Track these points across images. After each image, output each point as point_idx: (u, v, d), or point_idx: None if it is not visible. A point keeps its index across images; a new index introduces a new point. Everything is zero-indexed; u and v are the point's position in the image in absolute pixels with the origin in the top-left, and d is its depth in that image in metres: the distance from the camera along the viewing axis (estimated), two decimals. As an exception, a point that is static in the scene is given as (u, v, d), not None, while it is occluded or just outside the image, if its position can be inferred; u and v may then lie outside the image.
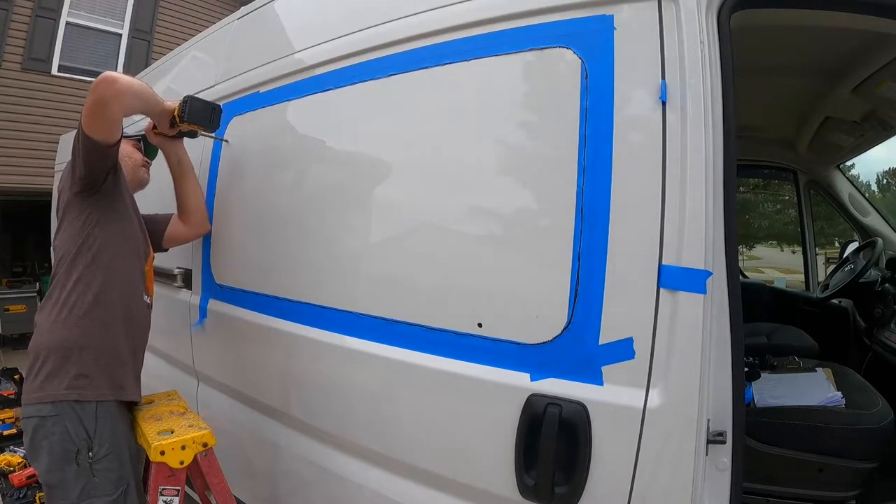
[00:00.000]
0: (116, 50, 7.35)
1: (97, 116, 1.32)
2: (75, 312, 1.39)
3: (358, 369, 1.41)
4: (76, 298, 1.40)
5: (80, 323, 1.39)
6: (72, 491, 1.32)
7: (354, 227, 1.46)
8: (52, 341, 1.38)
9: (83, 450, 1.33)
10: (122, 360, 1.45)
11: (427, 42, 1.30)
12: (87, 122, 1.32)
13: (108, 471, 1.35)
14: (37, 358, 1.38)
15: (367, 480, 1.39)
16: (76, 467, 1.32)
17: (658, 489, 0.97)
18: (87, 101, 1.31)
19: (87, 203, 1.45)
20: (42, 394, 1.34)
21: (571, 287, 1.03)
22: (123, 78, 1.34)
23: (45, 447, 1.32)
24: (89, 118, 1.32)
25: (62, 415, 1.33)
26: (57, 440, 1.32)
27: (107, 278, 1.44)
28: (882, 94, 2.09)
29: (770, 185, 7.18)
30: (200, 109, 1.57)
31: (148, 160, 1.76)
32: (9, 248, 8.13)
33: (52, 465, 1.32)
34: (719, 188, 0.99)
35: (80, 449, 1.32)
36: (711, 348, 0.96)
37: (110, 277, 1.45)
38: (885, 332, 2.39)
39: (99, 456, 1.34)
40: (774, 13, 1.33)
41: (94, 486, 1.33)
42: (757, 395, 1.76)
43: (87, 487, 1.32)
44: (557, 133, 1.09)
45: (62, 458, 1.32)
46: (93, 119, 1.32)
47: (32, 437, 1.34)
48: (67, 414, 1.33)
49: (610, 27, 1.04)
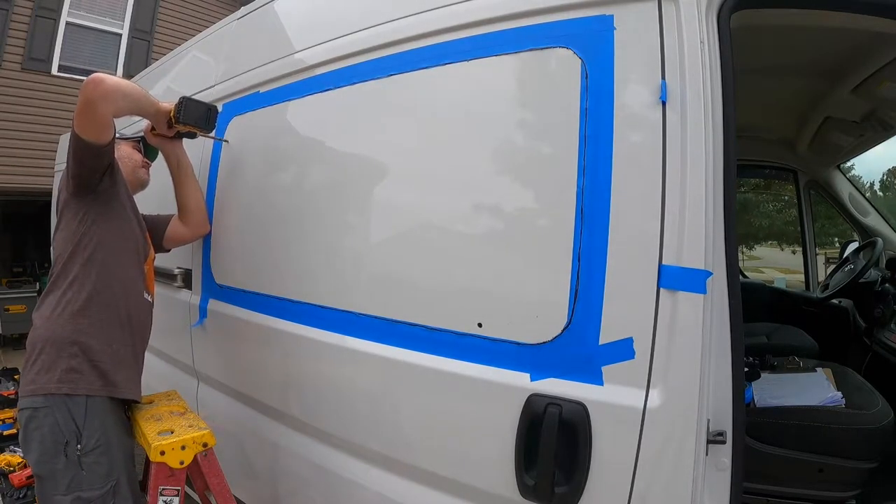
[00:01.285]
0: (116, 50, 7.35)
1: (86, 117, 1.34)
2: (70, 309, 1.41)
3: (358, 369, 1.41)
4: (72, 296, 1.42)
5: (75, 319, 1.40)
6: (60, 483, 1.33)
7: (354, 227, 1.46)
8: (47, 336, 1.39)
9: (72, 442, 1.34)
10: (117, 357, 1.46)
11: (427, 42, 1.30)
12: (78, 123, 1.35)
13: (96, 465, 1.36)
14: (31, 352, 1.40)
15: (367, 480, 1.39)
16: (65, 459, 1.33)
17: (658, 489, 0.97)
18: (77, 102, 1.34)
19: (84, 203, 1.46)
20: (34, 386, 1.36)
21: (571, 287, 1.03)
22: (110, 79, 1.36)
23: (35, 438, 1.34)
24: (79, 119, 1.35)
25: (52, 407, 1.34)
26: (47, 431, 1.33)
27: (102, 276, 1.45)
28: (882, 94, 2.09)
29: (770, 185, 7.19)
30: (196, 110, 1.58)
31: (148, 161, 1.77)
32: (9, 248, 8.13)
33: (42, 456, 1.34)
34: (719, 188, 0.99)
35: (68, 441, 1.34)
36: (711, 348, 0.96)
37: (106, 276, 1.45)
38: (885, 332, 2.39)
39: (87, 449, 1.35)
40: (774, 13, 1.33)
41: (82, 480, 1.34)
42: (757, 395, 1.76)
43: (76, 480, 1.33)
44: (557, 133, 1.09)
45: (52, 450, 1.33)
46: (83, 119, 1.34)
47: (25, 428, 1.37)
48: (58, 406, 1.34)
49: (610, 27, 1.04)
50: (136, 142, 1.75)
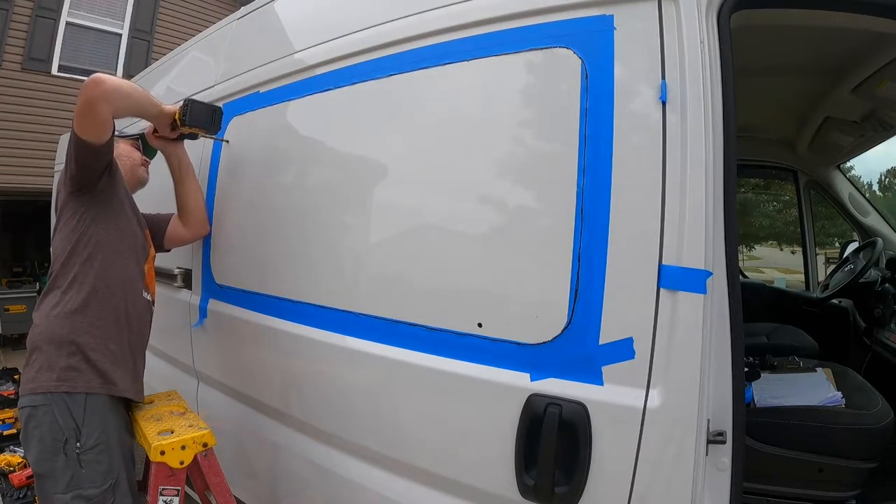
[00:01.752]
0: (116, 50, 7.35)
1: (86, 117, 1.34)
2: (68, 308, 1.41)
3: (358, 369, 1.41)
4: (71, 295, 1.42)
5: (73, 318, 1.41)
6: (60, 481, 1.33)
7: (354, 227, 1.46)
8: (46, 335, 1.40)
9: (71, 440, 1.34)
10: (115, 355, 1.46)
11: (427, 42, 1.30)
12: (78, 123, 1.35)
13: (96, 462, 1.36)
14: (31, 351, 1.41)
15: (367, 480, 1.39)
16: (64, 457, 1.34)
17: (658, 489, 0.97)
18: (77, 102, 1.34)
19: (82, 202, 1.46)
20: (34, 385, 1.37)
21: (571, 287, 1.03)
22: (111, 79, 1.36)
23: (35, 436, 1.35)
24: (79, 119, 1.35)
25: (52, 405, 1.35)
26: (46, 429, 1.34)
27: (102, 275, 1.45)
28: (882, 94, 2.09)
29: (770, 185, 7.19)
30: (202, 112, 1.58)
31: (147, 159, 1.77)
32: (9, 248, 8.13)
33: (41, 454, 1.34)
34: (719, 188, 0.99)
35: (67, 439, 1.34)
36: (711, 348, 0.96)
37: (105, 275, 1.46)
38: (885, 332, 2.39)
39: (87, 447, 1.35)
40: (774, 13, 1.33)
41: (82, 477, 1.34)
42: (757, 395, 1.76)
43: (75, 478, 1.34)
44: (557, 133, 1.09)
45: (51, 448, 1.34)
46: (82, 119, 1.34)
47: (25, 426, 1.37)
48: (57, 404, 1.35)
49: (610, 27, 1.04)
50: (135, 139, 1.75)
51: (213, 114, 1.60)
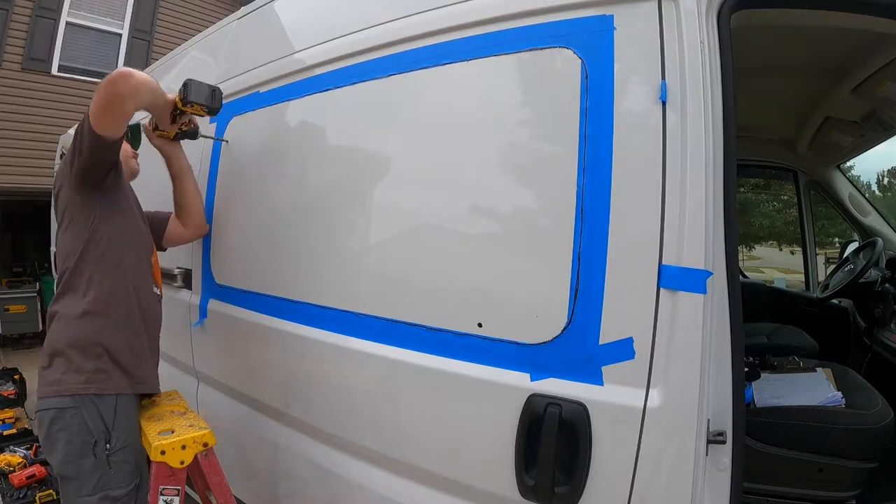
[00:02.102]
0: (116, 50, 7.35)
1: (109, 112, 1.30)
2: (91, 309, 1.40)
3: (358, 369, 1.41)
4: (92, 295, 1.41)
5: (96, 319, 1.40)
6: (87, 483, 1.33)
7: (354, 227, 1.46)
8: (69, 337, 1.39)
9: (101, 441, 1.34)
10: (140, 353, 1.47)
11: (427, 42, 1.30)
12: (98, 118, 1.30)
13: (124, 463, 1.37)
14: (54, 353, 1.39)
15: (367, 480, 1.39)
16: (93, 459, 1.33)
17: (658, 489, 0.97)
18: (98, 96, 1.29)
19: (91, 199, 1.44)
20: (61, 387, 1.35)
21: (571, 287, 1.03)
22: (138, 73, 1.34)
23: (62, 438, 1.33)
24: (101, 113, 1.30)
25: (81, 407, 1.34)
26: (75, 432, 1.33)
27: (118, 274, 1.45)
28: (882, 94, 2.09)
29: (770, 185, 7.19)
30: (201, 90, 1.55)
31: (135, 151, 1.75)
32: (9, 248, 8.12)
33: (68, 456, 1.33)
34: (719, 188, 0.99)
35: (97, 441, 1.34)
36: (711, 348, 0.96)
37: (121, 273, 1.46)
38: (885, 332, 2.39)
39: (116, 448, 1.36)
40: (774, 13, 1.33)
41: (111, 478, 1.34)
42: (757, 395, 1.76)
43: (104, 479, 1.34)
44: (557, 133, 1.09)
45: (79, 450, 1.33)
46: (104, 114, 1.30)
47: (49, 428, 1.35)
48: (87, 406, 1.34)
49: (610, 27, 1.04)
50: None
51: (213, 92, 1.58)
